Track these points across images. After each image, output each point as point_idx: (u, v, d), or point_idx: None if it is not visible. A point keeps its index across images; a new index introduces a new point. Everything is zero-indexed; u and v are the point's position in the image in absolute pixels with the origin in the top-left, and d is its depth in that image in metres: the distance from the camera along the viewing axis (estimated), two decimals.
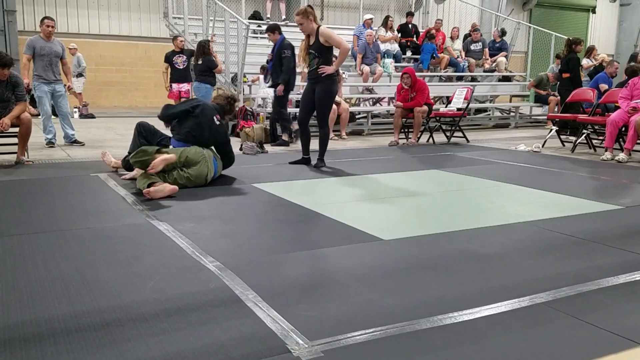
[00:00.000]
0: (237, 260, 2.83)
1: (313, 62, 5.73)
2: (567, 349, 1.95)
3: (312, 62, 5.74)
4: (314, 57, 5.70)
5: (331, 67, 5.71)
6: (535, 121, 12.09)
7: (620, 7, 21.15)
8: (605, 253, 3.06)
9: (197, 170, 4.64)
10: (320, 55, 5.68)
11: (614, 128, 6.78)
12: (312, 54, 5.72)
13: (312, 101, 5.85)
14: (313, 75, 5.78)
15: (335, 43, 5.68)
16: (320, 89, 5.77)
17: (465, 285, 2.54)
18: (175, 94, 9.73)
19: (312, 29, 5.67)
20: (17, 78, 5.81)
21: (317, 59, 5.69)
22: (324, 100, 5.83)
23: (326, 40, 5.65)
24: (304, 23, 5.67)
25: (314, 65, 5.72)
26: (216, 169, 4.90)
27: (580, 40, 9.34)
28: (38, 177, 5.04)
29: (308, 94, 5.90)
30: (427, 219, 3.86)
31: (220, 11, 9.92)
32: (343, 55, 5.68)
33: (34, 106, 8.14)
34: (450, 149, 7.77)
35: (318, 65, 5.68)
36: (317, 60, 5.69)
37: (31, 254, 2.91)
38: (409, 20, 12.91)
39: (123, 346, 1.92)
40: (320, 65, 5.67)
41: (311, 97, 5.85)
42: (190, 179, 4.61)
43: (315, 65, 5.70)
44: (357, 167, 5.94)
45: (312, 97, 5.84)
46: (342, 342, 1.97)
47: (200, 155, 4.71)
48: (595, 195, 4.64)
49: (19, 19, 12.82)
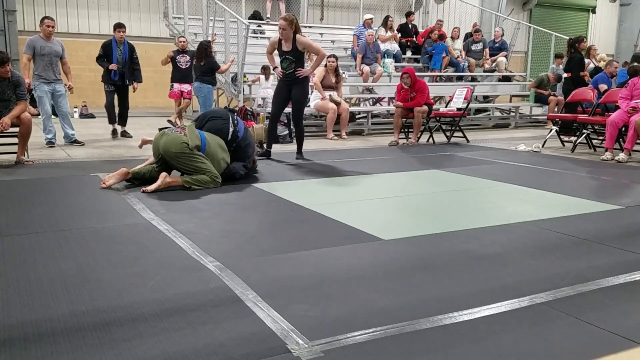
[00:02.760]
0: (237, 260, 2.83)
1: (290, 67, 6.16)
2: (567, 349, 1.95)
3: (289, 67, 6.17)
4: (291, 62, 6.15)
5: (308, 69, 6.29)
6: (535, 121, 12.09)
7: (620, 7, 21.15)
8: (605, 253, 3.06)
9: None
10: (297, 61, 6.16)
11: (613, 128, 6.78)
12: (289, 59, 6.16)
13: (286, 100, 6.41)
14: (290, 78, 6.22)
15: (315, 50, 6.26)
16: (297, 90, 6.28)
17: (465, 285, 2.54)
18: (177, 94, 9.72)
19: (291, 36, 6.08)
20: (19, 77, 5.82)
21: (293, 63, 6.14)
22: (303, 99, 6.43)
23: (304, 48, 6.12)
24: (287, 30, 6.05)
25: (290, 69, 6.16)
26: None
27: (581, 38, 9.30)
28: (38, 177, 5.04)
29: (283, 92, 6.36)
30: (427, 219, 3.86)
31: (220, 11, 9.92)
32: (320, 60, 6.30)
33: (34, 106, 8.14)
34: (450, 149, 7.77)
35: (295, 69, 6.14)
36: (293, 65, 6.14)
37: (31, 253, 2.91)
38: (409, 20, 12.91)
39: (123, 346, 1.92)
40: (297, 68, 6.15)
41: (286, 96, 6.36)
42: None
43: (293, 69, 6.15)
44: (357, 167, 5.94)
45: (287, 96, 6.36)
46: (342, 342, 1.97)
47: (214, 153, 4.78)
48: (595, 195, 4.64)
49: (19, 19, 12.81)
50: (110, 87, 8.00)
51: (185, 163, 4.58)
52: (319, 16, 15.76)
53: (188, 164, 4.58)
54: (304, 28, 13.11)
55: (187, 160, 4.57)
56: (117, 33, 7.87)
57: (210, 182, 4.62)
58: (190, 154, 4.56)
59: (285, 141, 8.07)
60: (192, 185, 4.53)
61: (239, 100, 9.33)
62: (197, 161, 4.60)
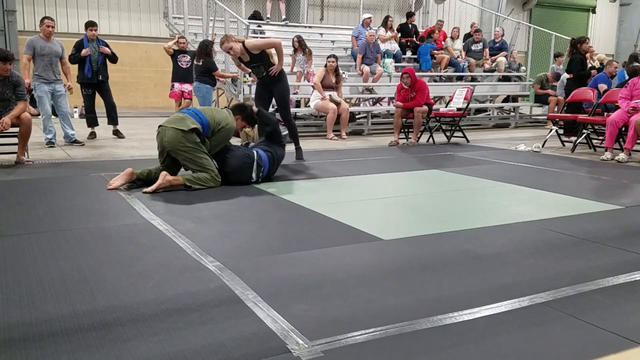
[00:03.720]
0: (237, 260, 2.83)
1: (261, 71, 6.10)
2: (567, 349, 1.95)
3: (260, 71, 6.11)
4: (259, 67, 6.07)
5: (278, 65, 6.13)
6: (535, 121, 12.09)
7: (620, 7, 21.16)
8: (605, 253, 3.06)
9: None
10: (263, 63, 6.05)
11: (614, 128, 6.78)
12: (256, 66, 6.08)
13: (269, 99, 6.40)
14: (267, 80, 6.17)
15: (268, 46, 6.12)
16: (278, 88, 6.22)
17: (465, 285, 2.54)
18: (178, 93, 9.72)
19: (240, 49, 5.92)
20: (19, 78, 5.83)
21: (262, 67, 6.06)
22: (286, 94, 6.35)
23: (258, 49, 5.97)
24: (233, 46, 5.86)
25: (263, 72, 6.10)
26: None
27: (583, 39, 9.26)
28: (38, 177, 5.04)
29: (264, 94, 6.34)
30: (427, 219, 3.86)
31: (220, 11, 9.91)
32: (280, 50, 6.09)
33: (34, 106, 8.14)
34: (450, 149, 7.77)
35: (267, 70, 6.07)
36: (262, 68, 6.07)
37: (31, 253, 2.91)
38: (409, 20, 12.91)
39: (123, 346, 1.92)
40: (268, 69, 6.07)
41: (268, 96, 6.35)
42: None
43: (265, 72, 6.08)
44: (357, 167, 5.94)
45: (269, 96, 6.34)
46: (342, 342, 1.97)
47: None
48: (595, 195, 4.64)
49: (19, 19, 12.81)
50: (87, 90, 7.93)
51: (185, 156, 4.56)
52: (319, 16, 15.77)
53: (188, 157, 4.57)
54: (304, 28, 13.17)
55: (187, 154, 4.55)
56: (88, 31, 7.82)
57: (211, 180, 4.62)
58: (192, 147, 4.54)
59: (286, 141, 7.98)
60: (193, 185, 4.53)
61: (238, 101, 9.33)
62: (197, 155, 4.58)
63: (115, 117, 8.25)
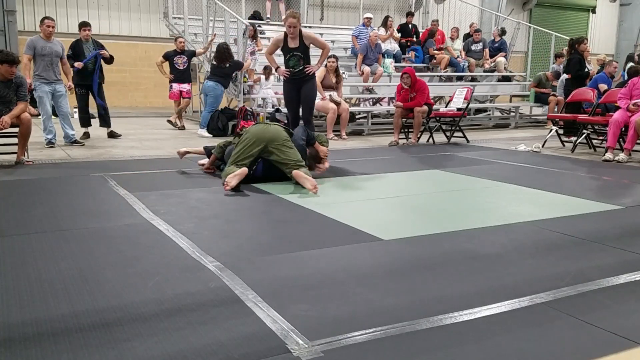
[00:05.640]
0: (237, 260, 2.83)
1: (298, 64, 5.99)
2: (567, 349, 1.95)
3: (297, 64, 6.00)
4: (299, 59, 5.97)
5: (315, 66, 6.09)
6: (535, 121, 12.09)
7: (620, 7, 21.16)
8: (605, 253, 3.06)
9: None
10: (304, 57, 5.97)
11: (616, 128, 6.78)
12: (297, 56, 5.97)
13: (297, 102, 6.24)
14: (300, 76, 6.04)
15: (321, 45, 6.13)
16: (307, 87, 6.14)
17: (465, 285, 2.54)
18: (177, 94, 9.72)
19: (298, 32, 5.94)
20: (22, 79, 5.85)
21: (302, 60, 5.97)
22: (313, 95, 6.28)
23: (311, 42, 5.94)
24: (298, 26, 5.90)
25: (299, 66, 5.97)
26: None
27: (582, 39, 9.26)
28: (38, 177, 5.04)
29: (293, 93, 6.20)
30: (427, 219, 3.86)
31: (220, 11, 9.91)
32: (325, 55, 6.19)
33: (34, 106, 8.14)
34: (450, 149, 7.77)
35: (303, 65, 5.96)
36: (302, 61, 5.97)
37: (31, 253, 2.91)
38: (409, 20, 12.92)
39: (123, 346, 1.92)
40: (305, 65, 5.97)
41: (296, 96, 6.20)
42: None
43: (301, 66, 5.96)
44: (357, 167, 5.94)
45: (298, 96, 6.19)
46: (342, 342, 1.97)
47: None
48: (595, 195, 4.64)
49: (19, 19, 12.81)
50: (81, 89, 7.91)
51: (284, 151, 4.77)
52: (319, 16, 15.76)
53: (287, 152, 4.77)
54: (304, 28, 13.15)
55: (289, 148, 4.79)
56: (82, 32, 7.80)
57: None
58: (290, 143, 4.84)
59: None
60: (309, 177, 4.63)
61: (239, 101, 9.33)
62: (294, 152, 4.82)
63: (108, 120, 8.21)
